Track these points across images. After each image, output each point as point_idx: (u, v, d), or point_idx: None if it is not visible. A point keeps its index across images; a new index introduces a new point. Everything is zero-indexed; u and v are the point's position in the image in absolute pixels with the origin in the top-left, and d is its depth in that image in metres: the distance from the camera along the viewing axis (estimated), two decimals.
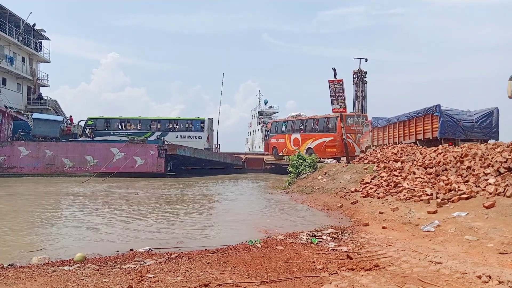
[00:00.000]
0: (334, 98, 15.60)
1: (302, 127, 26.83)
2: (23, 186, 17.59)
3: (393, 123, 17.26)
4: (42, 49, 35.79)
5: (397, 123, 16.93)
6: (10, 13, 29.56)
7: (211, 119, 30.28)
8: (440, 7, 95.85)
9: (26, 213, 10.30)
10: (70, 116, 34.20)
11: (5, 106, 25.60)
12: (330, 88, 15.57)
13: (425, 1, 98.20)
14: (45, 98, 34.47)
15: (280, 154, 27.33)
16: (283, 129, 28.13)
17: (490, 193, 6.80)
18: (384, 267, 4.34)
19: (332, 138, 23.70)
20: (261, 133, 30.75)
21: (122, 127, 29.02)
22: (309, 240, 6.09)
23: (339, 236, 6.42)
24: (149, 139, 27.06)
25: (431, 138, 14.11)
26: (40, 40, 35.50)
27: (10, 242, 6.72)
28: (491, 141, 12.78)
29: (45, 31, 35.06)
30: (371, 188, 10.11)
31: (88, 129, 27.48)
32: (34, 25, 33.26)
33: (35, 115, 26.34)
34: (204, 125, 29.04)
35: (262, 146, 36.82)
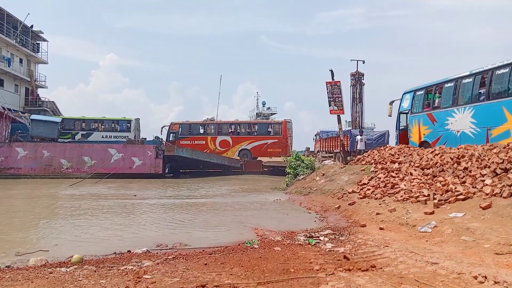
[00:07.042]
0: (332, 99, 15.67)
1: (232, 130, 29.22)
2: (20, 187, 17.55)
3: (330, 137, 24.26)
4: (40, 51, 35.79)
5: (332, 138, 23.58)
6: (7, 14, 29.53)
7: (137, 120, 30.13)
8: (438, 9, 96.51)
9: (23, 215, 10.28)
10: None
11: (3, 108, 25.53)
12: (327, 89, 15.63)
13: (423, 4, 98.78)
14: (43, 99, 34.45)
15: None
16: (201, 131, 29.61)
17: (487, 194, 6.82)
18: (381, 268, 4.35)
19: (276, 140, 28.22)
20: (161, 134, 30.79)
21: None
22: (307, 241, 6.10)
23: (337, 237, 6.43)
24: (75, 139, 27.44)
25: (347, 150, 19.70)
26: (37, 42, 35.50)
27: (7, 244, 6.71)
28: None
29: (42, 33, 35.06)
30: (369, 189, 10.10)
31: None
32: (31, 26, 33.23)
33: (33, 116, 26.26)
34: (130, 125, 28.93)
35: None
